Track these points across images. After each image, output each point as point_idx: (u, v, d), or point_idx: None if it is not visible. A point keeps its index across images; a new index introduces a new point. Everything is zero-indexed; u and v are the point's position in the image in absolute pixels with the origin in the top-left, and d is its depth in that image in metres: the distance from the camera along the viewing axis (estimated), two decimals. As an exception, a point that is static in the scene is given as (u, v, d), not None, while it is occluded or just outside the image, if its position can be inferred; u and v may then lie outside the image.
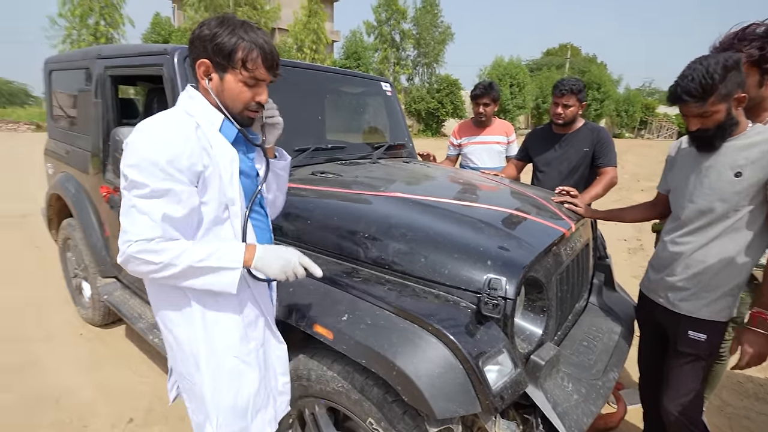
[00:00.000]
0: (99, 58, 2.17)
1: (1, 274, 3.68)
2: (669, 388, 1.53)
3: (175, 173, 0.93)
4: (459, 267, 1.19)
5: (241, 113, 1.06)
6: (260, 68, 1.01)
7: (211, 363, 1.08)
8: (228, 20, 1.01)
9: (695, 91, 1.26)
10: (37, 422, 2.00)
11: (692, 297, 1.44)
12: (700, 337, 1.43)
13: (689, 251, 1.44)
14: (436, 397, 0.97)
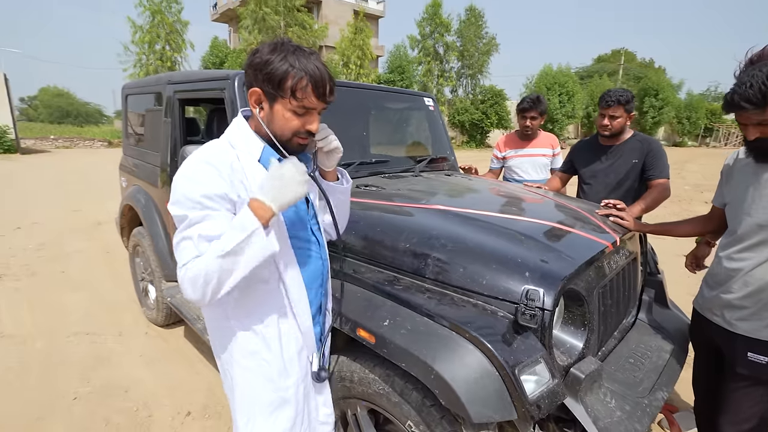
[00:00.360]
0: (169, 83, 2.43)
1: (78, 276, 4.10)
2: (727, 412, 1.46)
3: (209, 203, 0.94)
4: (497, 278, 1.23)
5: (290, 141, 1.04)
6: (310, 97, 0.98)
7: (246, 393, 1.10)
8: (281, 46, 0.99)
9: (754, 97, 1.22)
10: (109, 410, 2.22)
11: (752, 316, 1.37)
12: (761, 359, 1.36)
13: (748, 267, 1.38)
14: (472, 402, 1.01)
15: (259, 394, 1.11)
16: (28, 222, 6.11)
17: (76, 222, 6.26)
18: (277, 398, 1.11)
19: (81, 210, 7.06)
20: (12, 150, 16.49)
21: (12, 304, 3.45)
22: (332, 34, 25.96)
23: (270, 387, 1.10)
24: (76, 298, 3.60)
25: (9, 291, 3.70)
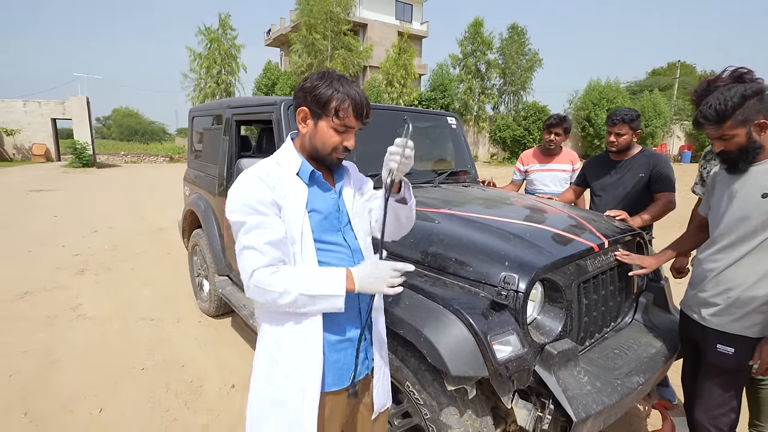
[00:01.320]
0: (229, 108, 2.90)
1: (144, 273, 4.71)
2: (700, 399, 1.60)
3: (263, 208, 1.07)
4: (482, 266, 1.49)
5: (330, 155, 1.16)
6: (350, 117, 1.12)
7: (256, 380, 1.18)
8: (328, 75, 1.14)
9: (710, 116, 1.42)
10: (170, 379, 2.64)
11: (722, 312, 1.52)
12: (728, 350, 1.50)
13: (720, 268, 1.53)
14: (451, 359, 1.27)
15: (262, 386, 1.16)
16: (104, 226, 6.98)
17: (143, 227, 7.05)
18: (272, 396, 1.13)
19: (146, 217, 7.91)
20: (90, 164, 18.48)
21: (93, 293, 4.06)
22: (377, 54, 26.97)
23: (272, 384, 1.14)
24: (143, 291, 4.16)
25: (90, 283, 4.34)
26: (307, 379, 1.10)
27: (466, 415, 1.42)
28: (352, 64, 24.03)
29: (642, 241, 2.18)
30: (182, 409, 2.36)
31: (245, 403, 2.34)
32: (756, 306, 1.45)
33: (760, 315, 1.45)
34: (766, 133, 1.43)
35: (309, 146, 1.18)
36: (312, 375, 1.10)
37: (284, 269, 1.08)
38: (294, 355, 1.11)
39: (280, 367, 1.12)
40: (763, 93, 1.42)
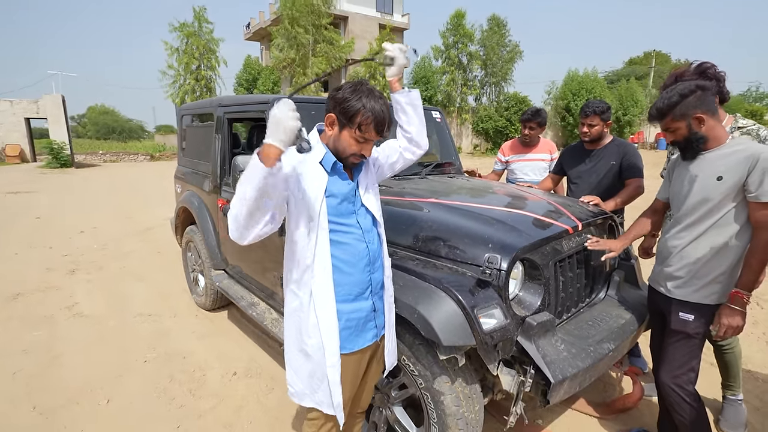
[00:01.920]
0: (220, 106, 2.98)
1: (137, 271, 4.75)
2: (664, 362, 1.79)
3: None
4: (468, 248, 1.64)
5: (347, 159, 1.32)
6: (371, 131, 1.26)
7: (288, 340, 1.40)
8: (359, 89, 1.25)
9: (653, 113, 1.62)
10: (172, 370, 2.74)
11: (684, 284, 1.70)
12: (688, 317, 1.69)
13: (682, 245, 1.71)
14: (442, 331, 1.42)
15: (293, 342, 1.38)
16: (90, 227, 6.93)
17: (130, 227, 7.03)
18: (301, 350, 1.35)
19: (132, 217, 7.87)
20: (68, 164, 18.05)
21: (87, 292, 4.10)
22: (359, 47, 26.85)
23: (299, 338, 1.35)
24: (137, 288, 4.22)
25: (82, 282, 4.37)
26: (324, 340, 1.30)
27: (456, 383, 1.58)
28: (333, 58, 23.87)
29: (613, 224, 2.37)
30: (188, 396, 2.47)
31: (248, 387, 2.48)
32: (714, 277, 1.63)
33: (717, 285, 1.64)
34: (706, 125, 1.61)
35: (332, 147, 1.32)
36: (329, 338, 1.30)
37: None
38: (313, 321, 1.31)
39: (304, 329, 1.33)
40: (702, 90, 1.61)
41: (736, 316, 1.58)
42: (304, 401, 1.40)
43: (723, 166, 1.59)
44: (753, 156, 1.50)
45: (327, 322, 1.30)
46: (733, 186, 1.56)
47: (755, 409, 2.33)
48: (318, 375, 1.33)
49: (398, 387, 1.77)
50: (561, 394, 1.59)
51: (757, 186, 1.49)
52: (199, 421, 2.25)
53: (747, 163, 1.51)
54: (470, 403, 1.60)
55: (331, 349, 1.30)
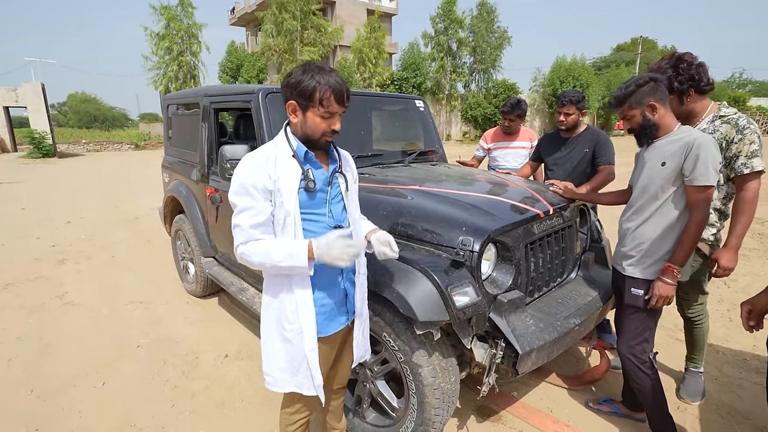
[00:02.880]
0: (206, 96, 3.02)
1: (126, 260, 4.79)
2: (620, 334, 1.94)
3: (255, 192, 1.26)
4: (444, 232, 1.75)
5: (320, 140, 1.34)
6: (333, 104, 1.28)
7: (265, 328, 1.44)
8: (308, 68, 1.27)
9: (611, 101, 1.76)
10: (166, 354, 2.84)
11: (636, 262, 1.85)
12: (639, 292, 1.83)
13: (634, 227, 1.86)
14: (418, 308, 1.54)
15: (272, 329, 1.42)
16: (76, 217, 6.91)
17: (117, 216, 7.03)
18: (281, 336, 1.39)
19: (119, 206, 7.85)
20: (50, 154, 17.72)
21: (77, 281, 4.15)
22: (346, 33, 26.53)
23: (279, 325, 1.39)
24: (128, 276, 4.27)
25: (72, 272, 4.41)
26: (303, 326, 1.36)
27: (433, 356, 1.71)
28: (322, 45, 23.58)
29: (585, 208, 2.51)
30: (181, 377, 2.57)
31: (240, 368, 2.60)
32: (660, 255, 1.78)
33: (663, 262, 1.78)
34: (658, 113, 1.73)
35: (301, 133, 1.35)
36: (307, 323, 1.37)
37: (256, 245, 1.29)
38: (292, 308, 1.37)
39: (283, 315, 1.38)
40: (656, 81, 1.73)
41: (667, 288, 1.73)
42: (284, 387, 1.44)
43: (667, 152, 1.73)
44: (688, 143, 1.64)
45: (305, 308, 1.36)
46: (673, 170, 1.70)
47: (714, 379, 2.52)
48: (298, 359, 1.39)
49: (380, 362, 1.89)
50: (529, 365, 1.73)
51: (690, 170, 1.62)
52: (192, 401, 2.36)
53: (684, 150, 1.65)
54: (446, 375, 1.73)
55: (310, 333, 1.36)
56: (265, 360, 1.45)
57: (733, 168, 1.92)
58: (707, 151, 1.62)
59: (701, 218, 1.68)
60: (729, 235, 1.94)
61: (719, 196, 2.04)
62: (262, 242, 1.30)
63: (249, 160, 1.32)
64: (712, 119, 1.99)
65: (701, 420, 2.18)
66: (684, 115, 2.03)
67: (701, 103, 2.02)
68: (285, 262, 1.26)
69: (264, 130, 2.41)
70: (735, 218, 1.92)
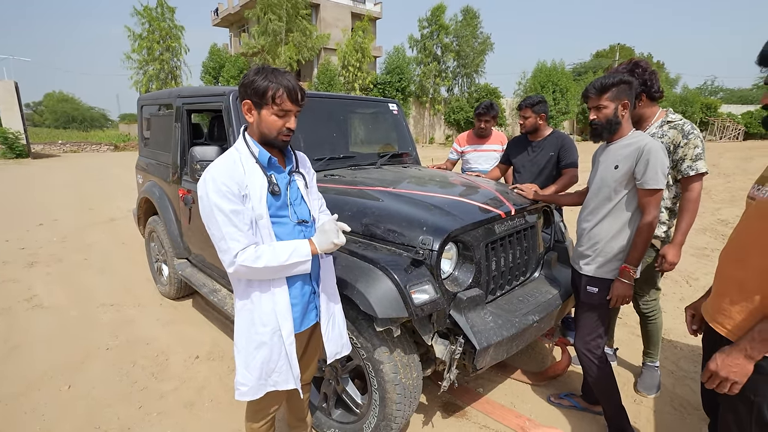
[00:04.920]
0: (179, 97, 3.02)
1: (99, 263, 4.71)
2: (578, 331, 2.03)
3: (235, 199, 1.29)
4: (405, 232, 1.81)
5: (277, 138, 1.36)
6: (286, 102, 1.31)
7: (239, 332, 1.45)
8: (262, 70, 1.32)
9: (596, 86, 1.82)
10: (135, 355, 2.81)
11: (591, 261, 1.93)
12: (594, 290, 1.92)
13: (589, 227, 1.94)
14: (378, 305, 1.58)
15: (245, 336, 1.43)
16: (49, 219, 6.75)
17: (92, 218, 6.89)
18: (254, 341, 1.41)
19: (95, 208, 7.69)
20: (24, 155, 17.22)
21: (46, 284, 4.06)
22: (332, 36, 26.52)
23: (251, 330, 1.41)
24: (100, 279, 4.21)
25: (42, 275, 4.32)
26: (281, 322, 1.40)
27: (395, 353, 1.75)
28: (307, 48, 23.52)
29: (548, 209, 2.59)
30: (150, 379, 2.56)
31: (210, 369, 2.60)
32: (614, 255, 1.87)
33: (617, 261, 1.87)
34: (626, 114, 1.82)
35: (258, 133, 1.37)
36: (284, 320, 1.41)
37: (261, 248, 1.31)
38: (268, 308, 1.40)
39: (257, 318, 1.40)
40: (631, 84, 1.82)
41: (624, 288, 1.82)
42: (258, 393, 1.45)
43: (620, 156, 1.82)
44: (640, 148, 1.73)
45: (282, 305, 1.40)
46: (625, 174, 1.79)
47: (670, 373, 2.63)
48: (274, 359, 1.42)
49: (345, 359, 1.93)
50: (487, 360, 1.79)
51: (641, 174, 1.72)
52: (160, 402, 2.35)
53: (635, 154, 1.74)
54: (408, 371, 1.78)
55: (288, 329, 1.41)
56: (239, 371, 1.45)
57: (679, 170, 2.03)
58: (657, 156, 1.71)
59: (651, 219, 1.76)
60: (675, 232, 2.04)
61: (669, 196, 2.15)
62: (264, 246, 1.33)
63: (219, 167, 1.33)
64: (660, 124, 2.11)
65: (655, 412, 2.28)
66: (635, 119, 2.14)
67: (651, 109, 2.13)
68: (291, 259, 1.32)
69: (234, 131, 2.43)
70: (681, 216, 2.03)
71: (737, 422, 1.24)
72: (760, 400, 1.16)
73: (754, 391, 1.16)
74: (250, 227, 1.32)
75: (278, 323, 1.40)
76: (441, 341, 1.82)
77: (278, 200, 1.41)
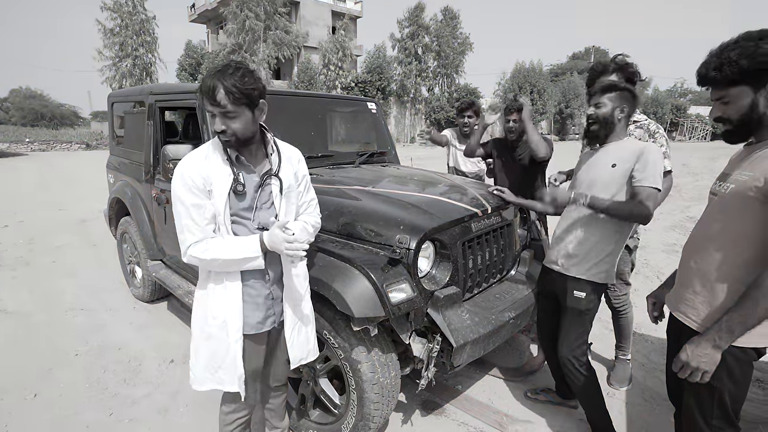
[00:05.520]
0: (151, 94, 2.93)
1: (69, 266, 4.55)
2: (563, 340, 1.95)
3: (198, 192, 1.31)
4: (382, 230, 1.80)
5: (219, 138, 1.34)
6: (207, 104, 1.28)
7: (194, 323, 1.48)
8: (211, 69, 1.29)
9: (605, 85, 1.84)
10: (107, 361, 2.72)
11: (579, 263, 1.88)
12: (581, 294, 1.86)
13: (578, 226, 1.90)
14: (354, 304, 1.57)
15: (198, 325, 1.45)
16: (15, 221, 6.47)
17: (62, 219, 6.64)
18: (204, 331, 1.43)
19: (65, 209, 7.42)
20: (-12, 154, 16.47)
21: (11, 288, 3.89)
22: (312, 34, 26.29)
23: (204, 321, 1.43)
24: (69, 282, 4.06)
25: (6, 279, 4.13)
26: (228, 317, 1.39)
27: (373, 352, 1.75)
28: (288, 46, 23.25)
29: (527, 211, 2.63)
30: (122, 385, 2.48)
31: (185, 373, 2.54)
32: (604, 256, 1.84)
33: (607, 264, 1.85)
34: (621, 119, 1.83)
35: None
36: (232, 315, 1.39)
37: (211, 242, 1.33)
38: (219, 301, 1.40)
39: (209, 310, 1.41)
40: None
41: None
42: (204, 385, 1.46)
43: (618, 156, 1.80)
44: (640, 149, 1.75)
45: (233, 300, 1.39)
46: (623, 173, 1.77)
47: (641, 365, 2.71)
48: (220, 353, 1.41)
49: (323, 360, 1.92)
50: (464, 357, 1.80)
51: (641, 173, 1.72)
52: (132, 408, 2.28)
53: (636, 155, 1.74)
54: (386, 370, 1.77)
55: (235, 325, 1.39)
56: (191, 357, 1.49)
57: None
58: (658, 157, 1.73)
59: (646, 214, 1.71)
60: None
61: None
62: (216, 239, 1.34)
63: (187, 160, 1.36)
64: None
65: (627, 403, 2.35)
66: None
67: None
68: (240, 254, 1.32)
69: (209, 129, 2.38)
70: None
71: (699, 406, 1.31)
72: (721, 387, 1.25)
73: (716, 378, 1.23)
74: (209, 222, 1.34)
75: (226, 318, 1.40)
76: (419, 340, 1.82)
77: (242, 200, 1.39)
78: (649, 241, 5.42)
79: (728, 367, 1.25)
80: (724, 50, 1.20)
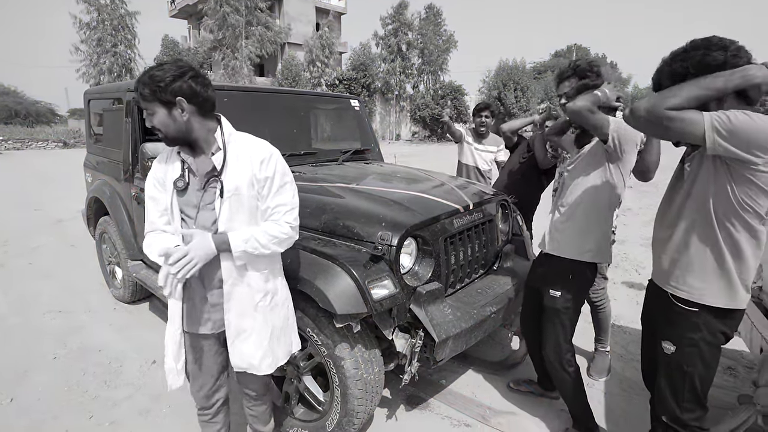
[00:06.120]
0: (129, 91, 2.87)
1: (45, 267, 4.43)
2: (546, 342, 1.96)
3: (157, 185, 1.39)
4: (364, 227, 1.81)
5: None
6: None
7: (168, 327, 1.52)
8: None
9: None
10: (86, 363, 2.67)
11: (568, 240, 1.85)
12: (556, 293, 1.89)
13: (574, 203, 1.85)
14: (336, 301, 1.58)
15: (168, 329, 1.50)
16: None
17: (38, 220, 6.46)
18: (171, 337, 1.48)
19: (41, 209, 7.21)
20: (-42, 153, 15.88)
21: (-16, 291, 3.77)
22: (296, 30, 26.03)
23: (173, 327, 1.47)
24: (47, 284, 3.95)
25: (-21, 281, 4.01)
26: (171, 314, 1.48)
27: (356, 348, 1.76)
28: (270, 42, 22.97)
29: (505, 203, 2.67)
30: (102, 387, 2.44)
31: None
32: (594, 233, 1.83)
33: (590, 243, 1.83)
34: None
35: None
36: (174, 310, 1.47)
37: (153, 236, 1.40)
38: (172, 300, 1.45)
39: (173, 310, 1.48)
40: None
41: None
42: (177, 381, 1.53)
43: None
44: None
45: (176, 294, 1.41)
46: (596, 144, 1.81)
47: (619, 357, 2.79)
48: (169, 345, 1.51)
49: (306, 357, 1.92)
50: (447, 352, 1.83)
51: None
52: (113, 411, 2.25)
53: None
54: (369, 366, 1.79)
55: (175, 322, 1.46)
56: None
57: None
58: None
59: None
60: None
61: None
62: (157, 233, 1.40)
63: (160, 155, 1.46)
64: None
65: (606, 393, 2.41)
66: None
67: None
68: (157, 255, 1.33)
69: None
70: None
71: (672, 389, 1.41)
72: (692, 371, 1.36)
73: (688, 362, 1.36)
74: (161, 215, 1.39)
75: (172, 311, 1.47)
76: (402, 335, 1.84)
77: (183, 197, 1.38)
78: (628, 236, 5.56)
79: (701, 352, 1.34)
80: (674, 59, 1.28)
